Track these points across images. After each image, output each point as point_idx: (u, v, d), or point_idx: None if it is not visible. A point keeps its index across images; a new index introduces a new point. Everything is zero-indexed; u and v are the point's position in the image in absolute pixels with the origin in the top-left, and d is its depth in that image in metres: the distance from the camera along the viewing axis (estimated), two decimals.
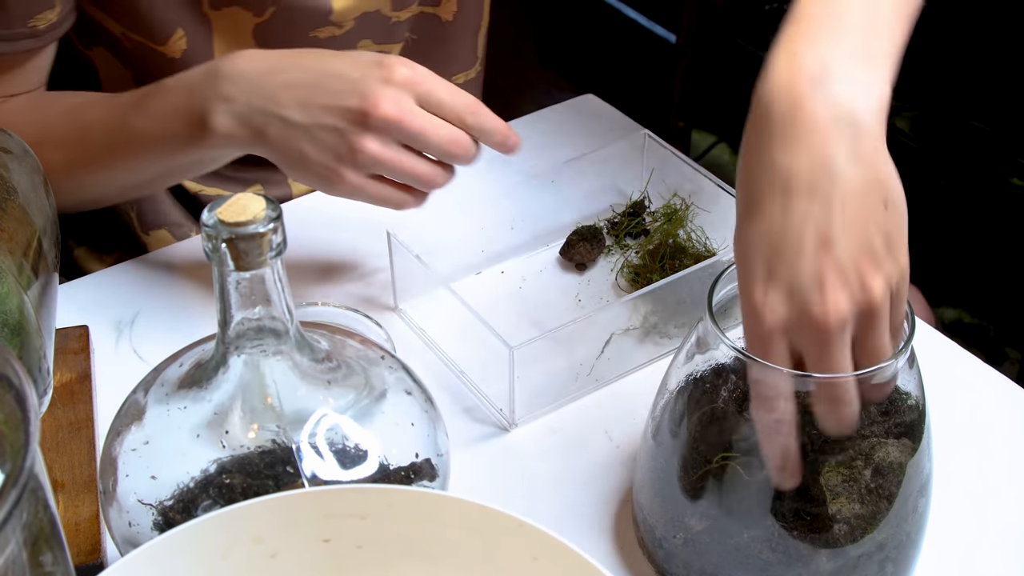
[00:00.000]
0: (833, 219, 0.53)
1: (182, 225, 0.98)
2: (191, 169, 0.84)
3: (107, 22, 0.89)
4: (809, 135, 0.54)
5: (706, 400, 0.60)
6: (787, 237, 0.53)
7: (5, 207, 0.68)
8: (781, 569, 0.59)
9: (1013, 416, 0.75)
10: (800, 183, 0.53)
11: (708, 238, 0.85)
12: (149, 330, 0.82)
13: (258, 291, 0.51)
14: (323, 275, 0.86)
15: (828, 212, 0.53)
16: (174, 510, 0.53)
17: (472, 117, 0.75)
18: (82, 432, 0.72)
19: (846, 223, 0.53)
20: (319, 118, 0.73)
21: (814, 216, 0.53)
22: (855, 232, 0.53)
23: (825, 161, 0.53)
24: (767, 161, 0.55)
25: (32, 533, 0.42)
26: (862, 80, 0.55)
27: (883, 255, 0.53)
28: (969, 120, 1.78)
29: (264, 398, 0.54)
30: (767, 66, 0.57)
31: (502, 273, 0.86)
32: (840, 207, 0.53)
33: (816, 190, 0.53)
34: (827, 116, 0.54)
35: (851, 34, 0.57)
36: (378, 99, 0.72)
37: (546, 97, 1.25)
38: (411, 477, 0.56)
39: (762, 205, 0.55)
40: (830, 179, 0.53)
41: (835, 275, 0.53)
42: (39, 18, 0.82)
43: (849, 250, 0.53)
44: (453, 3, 0.98)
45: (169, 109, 0.78)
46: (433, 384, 0.77)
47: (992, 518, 0.68)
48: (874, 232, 0.53)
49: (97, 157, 0.82)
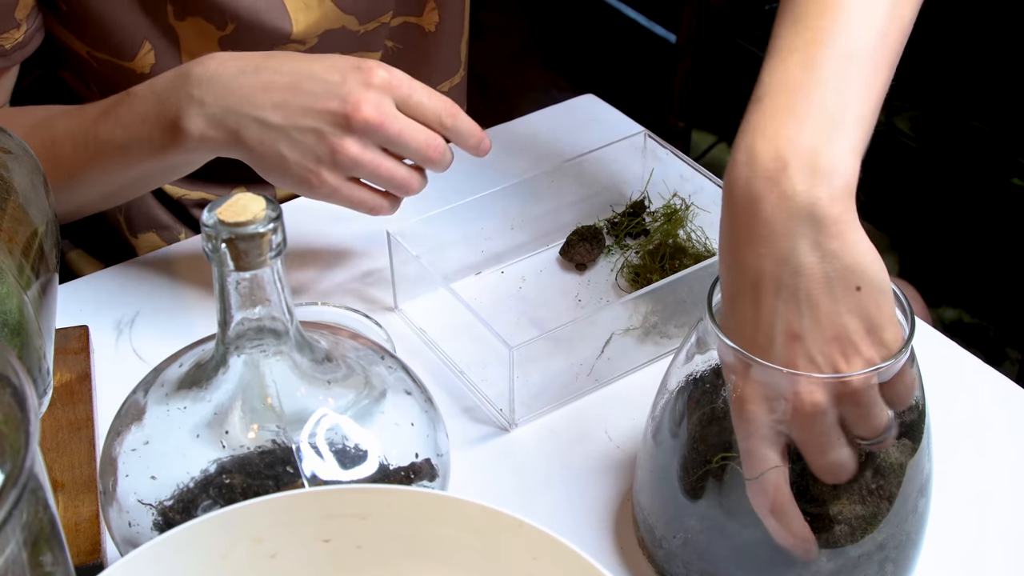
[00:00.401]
0: (801, 313, 0.53)
1: (169, 228, 0.98)
2: (166, 174, 0.84)
3: (73, 42, 0.89)
4: (770, 235, 0.54)
5: (706, 400, 0.60)
6: (759, 334, 0.55)
7: (5, 207, 0.68)
8: (781, 569, 0.59)
9: (1013, 416, 0.75)
10: (766, 282, 0.54)
11: (708, 238, 0.85)
12: (149, 330, 0.82)
13: (258, 291, 0.51)
14: (323, 275, 0.86)
15: (796, 307, 0.54)
16: (174, 510, 0.53)
17: (450, 119, 0.76)
18: (82, 432, 0.72)
19: (814, 316, 0.53)
20: (298, 120, 0.73)
21: (781, 313, 0.54)
22: (825, 322, 0.53)
23: (787, 258, 0.54)
24: (737, 261, 0.56)
25: (32, 533, 0.42)
26: (823, 164, 0.54)
27: (860, 339, 0.54)
28: (969, 120, 1.78)
29: (264, 398, 0.54)
30: (731, 154, 0.57)
31: (502, 273, 0.86)
32: (807, 301, 0.53)
33: (781, 287, 0.54)
34: (784, 215, 0.54)
35: (815, 107, 0.56)
36: (359, 102, 0.72)
37: (546, 97, 1.26)
38: (411, 477, 0.56)
39: (735, 303, 0.56)
40: (794, 275, 0.53)
41: (805, 364, 0.54)
42: (4, 37, 0.82)
43: (819, 341, 0.54)
44: (435, 14, 0.98)
45: (139, 116, 0.77)
46: (433, 384, 0.77)
47: (992, 518, 0.68)
48: (847, 319, 0.53)
49: (67, 170, 0.81)
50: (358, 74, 0.73)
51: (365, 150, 0.74)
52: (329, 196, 0.76)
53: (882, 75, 0.59)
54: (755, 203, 0.54)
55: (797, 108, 0.56)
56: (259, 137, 0.74)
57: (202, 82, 0.75)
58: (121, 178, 0.82)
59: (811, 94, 0.56)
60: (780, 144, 0.55)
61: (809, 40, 0.58)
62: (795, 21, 0.59)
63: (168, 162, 0.79)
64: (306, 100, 0.73)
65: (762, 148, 0.55)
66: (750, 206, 0.55)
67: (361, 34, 0.94)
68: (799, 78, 0.57)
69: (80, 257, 1.01)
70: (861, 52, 0.58)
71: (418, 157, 0.75)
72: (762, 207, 0.54)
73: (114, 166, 0.80)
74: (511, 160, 0.96)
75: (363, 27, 0.93)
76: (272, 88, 0.74)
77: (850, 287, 0.53)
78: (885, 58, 0.59)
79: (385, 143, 0.74)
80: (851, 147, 0.55)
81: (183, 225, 0.99)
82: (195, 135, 0.75)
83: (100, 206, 0.88)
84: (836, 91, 0.56)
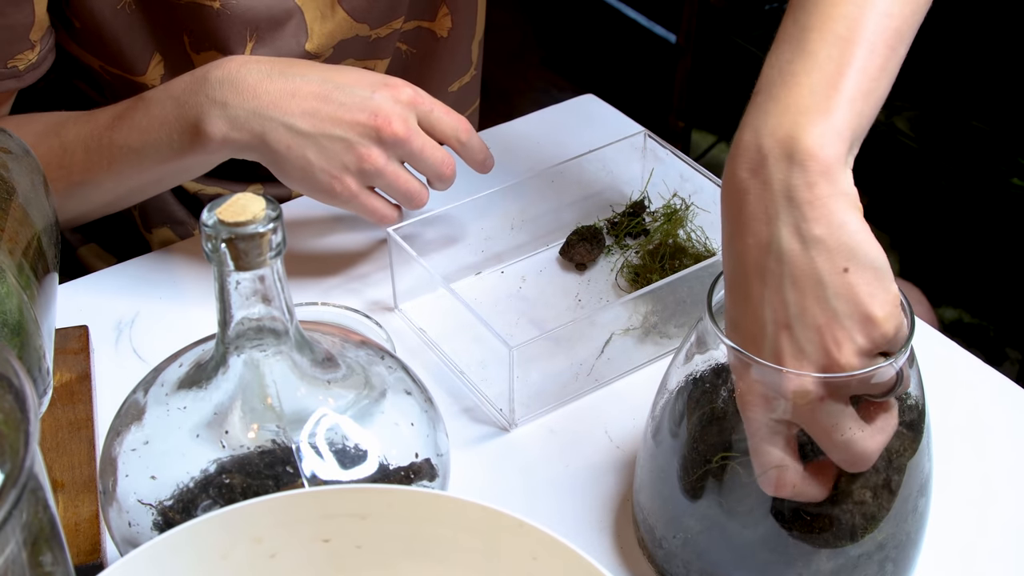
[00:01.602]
0: (787, 301, 0.54)
1: (184, 223, 0.99)
2: (180, 176, 0.85)
3: (85, 57, 0.90)
4: (754, 224, 0.55)
5: (706, 400, 0.60)
6: (753, 326, 0.55)
7: (5, 207, 0.68)
8: (781, 569, 0.59)
9: (1013, 416, 0.75)
10: (753, 271, 0.55)
11: (708, 238, 0.85)
12: (149, 330, 0.82)
13: (258, 291, 0.51)
14: (323, 275, 0.86)
15: (781, 296, 0.54)
16: (174, 510, 0.53)
17: (465, 135, 0.81)
18: (82, 432, 0.72)
19: (801, 303, 0.53)
20: (328, 129, 0.76)
21: (769, 301, 0.54)
22: (813, 309, 0.53)
23: (770, 245, 0.54)
24: (730, 253, 0.56)
25: (32, 533, 0.42)
26: (800, 150, 0.54)
27: (850, 322, 0.53)
28: (969, 120, 1.78)
29: (264, 398, 0.54)
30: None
31: (502, 273, 0.86)
32: (792, 288, 0.53)
33: (767, 275, 0.54)
34: (763, 205, 0.54)
35: (802, 93, 0.56)
36: (390, 117, 0.76)
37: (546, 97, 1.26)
38: (411, 477, 0.56)
39: (731, 295, 0.57)
40: (778, 262, 0.54)
41: (793, 355, 0.53)
42: (19, 58, 0.83)
43: (807, 329, 0.53)
44: (448, 19, 0.99)
45: (157, 120, 0.78)
46: (433, 384, 0.77)
47: (992, 518, 0.68)
48: (836, 303, 0.53)
49: (79, 175, 0.82)
50: (387, 90, 0.78)
51: (389, 162, 0.78)
52: (348, 202, 0.79)
53: (883, 55, 0.58)
54: (741, 195, 0.55)
55: (782, 97, 0.56)
56: (286, 142, 0.76)
57: (223, 84, 0.76)
58: (134, 181, 0.83)
59: (799, 81, 0.56)
60: (762, 135, 0.55)
61: (804, 26, 0.58)
62: (794, 10, 0.60)
63: (185, 163, 0.80)
64: (336, 110, 0.76)
65: (747, 141, 0.56)
66: (738, 198, 0.56)
67: (372, 40, 0.94)
68: (791, 67, 0.57)
69: (91, 252, 1.01)
70: (859, 34, 0.57)
71: (432, 172, 0.80)
72: (747, 199, 0.55)
73: (128, 170, 0.81)
74: (511, 160, 0.96)
75: (374, 32, 0.94)
76: (300, 95, 0.76)
77: (836, 269, 0.53)
78: (890, 38, 0.59)
79: (406, 157, 0.78)
80: (836, 129, 0.55)
81: (197, 220, 0.99)
82: (217, 137, 0.76)
83: (109, 210, 0.88)
84: (828, 75, 0.56)
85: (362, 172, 0.77)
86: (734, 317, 0.56)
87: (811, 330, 0.53)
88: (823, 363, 0.53)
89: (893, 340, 0.54)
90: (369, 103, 0.76)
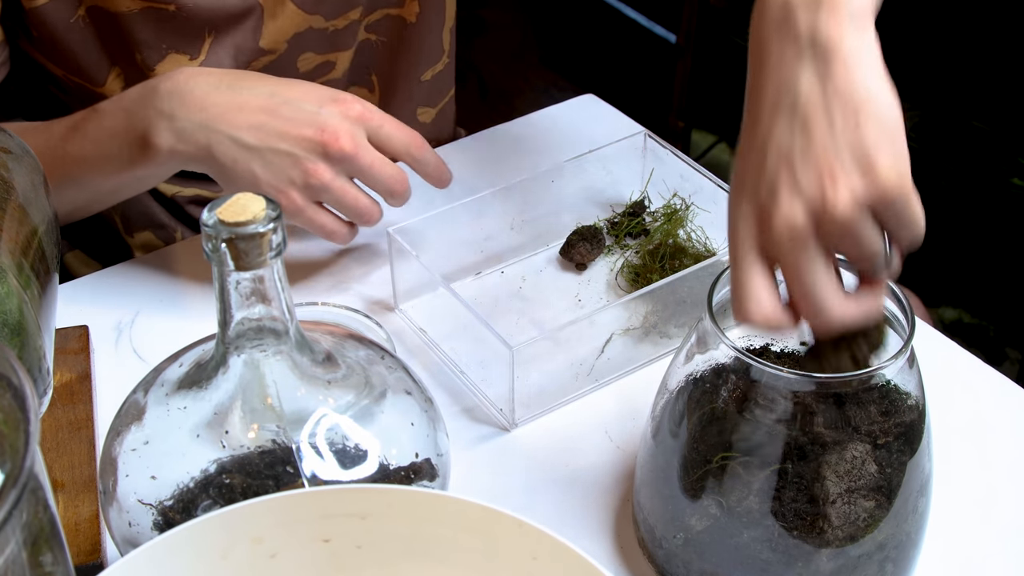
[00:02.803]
0: (794, 136, 0.54)
1: (165, 227, 0.99)
2: (138, 186, 0.85)
3: (49, 65, 0.90)
4: (776, 68, 0.56)
5: (706, 400, 0.60)
6: (756, 154, 0.56)
7: (5, 207, 0.68)
8: (781, 569, 0.59)
9: (1013, 416, 0.75)
10: (766, 105, 0.56)
11: (708, 238, 0.85)
12: (149, 330, 0.82)
13: (258, 291, 0.51)
14: (323, 275, 0.86)
15: (790, 130, 0.54)
16: (174, 510, 0.53)
17: (417, 151, 0.80)
18: (82, 432, 0.72)
19: (807, 141, 0.54)
20: (274, 143, 0.76)
21: (775, 133, 0.55)
22: (817, 150, 0.53)
23: (787, 83, 0.55)
24: (749, 92, 0.57)
25: (32, 533, 0.42)
26: (826, 6, 0.55)
27: (848, 169, 0.53)
28: (969, 120, 1.78)
29: (264, 398, 0.54)
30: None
31: (502, 273, 0.86)
32: (802, 127, 0.54)
33: (780, 109, 0.55)
34: (788, 48, 0.55)
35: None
36: (338, 132, 0.76)
37: (546, 97, 1.26)
38: (411, 477, 0.56)
39: (742, 127, 0.57)
40: (791, 98, 0.55)
41: (789, 186, 0.54)
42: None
43: (808, 165, 0.53)
44: (416, 4, 0.99)
45: (108, 132, 0.79)
46: (433, 384, 0.77)
47: (992, 518, 0.68)
48: (842, 151, 0.53)
49: None
50: (336, 105, 0.77)
51: (336, 177, 0.77)
52: (294, 216, 0.78)
53: None
54: (763, 48, 0.56)
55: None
56: (232, 155, 0.76)
57: (172, 96, 0.76)
58: (91, 191, 0.84)
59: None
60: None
61: None
62: None
63: (135, 174, 0.81)
64: (283, 125, 0.76)
65: (771, 2, 0.57)
66: (760, 53, 0.57)
67: (330, 32, 0.94)
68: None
69: (77, 258, 1.01)
70: None
71: (382, 188, 0.79)
72: (769, 49, 0.56)
73: (86, 180, 0.82)
74: (511, 160, 0.96)
75: (331, 24, 0.93)
76: (247, 108, 0.76)
77: (850, 121, 0.53)
78: None
79: (355, 173, 0.78)
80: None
81: (179, 223, 0.99)
82: (164, 149, 0.76)
83: (73, 217, 0.89)
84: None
85: (308, 187, 0.77)
86: (742, 147, 0.57)
87: (811, 168, 0.53)
88: (817, 200, 0.53)
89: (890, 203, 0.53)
90: (316, 118, 0.76)
